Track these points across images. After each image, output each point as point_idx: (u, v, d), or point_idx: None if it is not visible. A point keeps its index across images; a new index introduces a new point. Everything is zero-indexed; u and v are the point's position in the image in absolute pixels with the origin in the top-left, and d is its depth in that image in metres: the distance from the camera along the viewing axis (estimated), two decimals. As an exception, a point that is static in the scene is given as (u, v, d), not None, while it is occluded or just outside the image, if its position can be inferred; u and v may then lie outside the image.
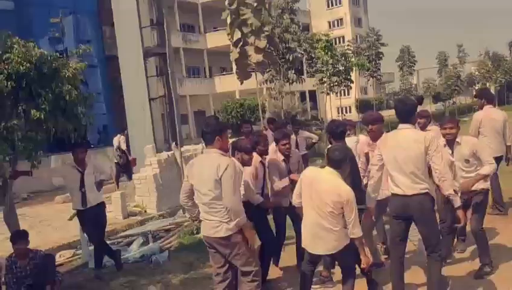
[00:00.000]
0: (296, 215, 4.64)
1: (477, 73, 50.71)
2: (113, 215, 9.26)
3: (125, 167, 13.30)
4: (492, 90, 49.42)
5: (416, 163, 4.03)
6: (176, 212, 9.54)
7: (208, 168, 3.95)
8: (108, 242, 7.10)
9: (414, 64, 48.51)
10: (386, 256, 5.51)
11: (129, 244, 7.69)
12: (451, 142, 5.02)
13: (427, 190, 4.07)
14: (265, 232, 5.01)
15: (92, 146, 18.64)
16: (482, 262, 5.01)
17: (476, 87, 50.56)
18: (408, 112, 4.23)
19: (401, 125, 4.22)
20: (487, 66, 48.94)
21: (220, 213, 3.95)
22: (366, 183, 4.77)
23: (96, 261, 6.41)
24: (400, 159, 4.10)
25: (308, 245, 4.19)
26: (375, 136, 4.95)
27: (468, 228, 5.49)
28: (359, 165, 5.18)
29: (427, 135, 4.12)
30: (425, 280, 4.50)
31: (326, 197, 3.95)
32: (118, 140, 15.59)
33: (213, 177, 3.88)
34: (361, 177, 5.10)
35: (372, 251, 5.35)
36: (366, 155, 5.19)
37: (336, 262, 4.75)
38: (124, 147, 15.41)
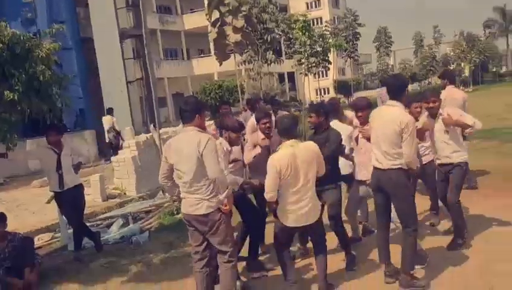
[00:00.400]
0: None
1: (452, 53, 51.44)
2: (92, 198, 9.21)
3: (118, 149, 13.07)
4: (467, 71, 50.36)
5: (391, 142, 4.17)
6: (155, 194, 9.54)
7: (188, 146, 3.93)
8: (87, 224, 7.08)
9: (391, 45, 49.03)
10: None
11: (109, 226, 7.69)
12: (434, 116, 5.18)
13: (400, 166, 4.19)
14: (247, 214, 5.06)
15: (69, 130, 18.35)
16: (455, 234, 5.19)
17: (451, 68, 51.32)
18: (399, 87, 4.31)
19: (389, 102, 4.32)
20: (462, 47, 49.66)
21: (202, 191, 3.95)
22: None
23: (76, 244, 6.39)
24: (379, 135, 4.28)
25: (299, 220, 4.18)
26: (363, 123, 5.06)
27: (440, 203, 5.68)
28: (351, 146, 5.30)
29: (404, 119, 4.13)
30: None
31: (308, 166, 4.08)
32: (111, 121, 15.43)
33: (194, 154, 3.87)
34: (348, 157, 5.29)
35: (353, 228, 5.51)
36: (356, 139, 5.24)
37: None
38: (118, 127, 15.27)
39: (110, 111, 15.69)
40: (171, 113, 35.67)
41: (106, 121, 15.48)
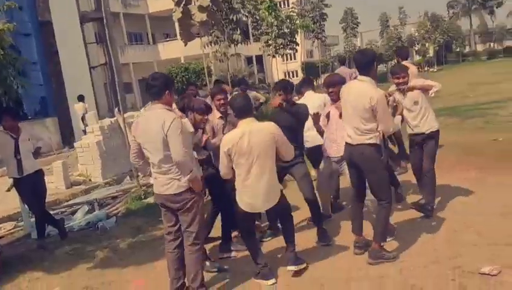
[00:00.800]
0: None
1: (417, 34, 52.24)
2: (56, 186, 8.93)
3: None
4: (431, 51, 51.31)
5: (362, 117, 4.16)
6: (122, 179, 9.34)
7: (154, 125, 3.78)
8: (51, 213, 6.86)
9: (357, 26, 49.36)
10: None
11: (74, 213, 7.47)
12: (403, 90, 5.25)
13: (371, 141, 4.20)
14: (217, 195, 4.96)
15: (30, 118, 17.72)
16: (426, 201, 5.29)
17: (416, 48, 52.19)
18: (367, 63, 4.27)
19: (359, 77, 4.30)
20: (426, 27, 50.47)
21: (171, 170, 3.83)
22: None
23: (39, 231, 6.18)
24: (349, 111, 4.27)
25: (254, 205, 4.08)
26: (335, 99, 5.04)
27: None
28: (320, 122, 5.24)
29: (374, 94, 4.09)
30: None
31: (262, 149, 3.91)
32: (84, 107, 15.17)
33: (160, 135, 3.73)
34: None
35: (324, 204, 5.51)
36: (327, 115, 5.20)
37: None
38: (88, 114, 14.98)
39: (81, 98, 15.70)
40: (138, 99, 35.00)
41: (79, 108, 15.39)
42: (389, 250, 4.38)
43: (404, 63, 7.37)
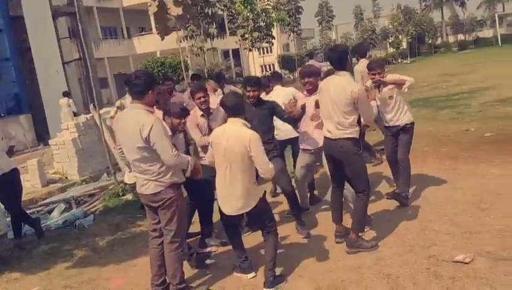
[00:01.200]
0: None
1: (390, 26, 52.84)
2: (31, 184, 8.78)
3: None
4: (404, 43, 52.02)
5: (344, 112, 4.22)
6: (99, 176, 9.24)
7: (132, 126, 3.68)
8: (28, 212, 6.75)
9: (332, 19, 49.67)
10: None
11: (50, 212, 7.37)
12: (378, 86, 5.37)
13: (349, 135, 4.27)
14: (193, 192, 4.92)
15: (3, 115, 17.32)
16: (401, 190, 5.43)
17: (390, 40, 52.84)
18: (340, 58, 4.32)
19: (337, 72, 4.35)
20: (399, 20, 51.10)
21: (148, 171, 3.77)
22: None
23: (15, 231, 6.08)
24: (329, 106, 4.31)
25: (229, 208, 3.98)
26: (310, 89, 5.10)
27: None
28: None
29: (355, 88, 4.17)
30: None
31: (233, 156, 3.80)
32: (68, 103, 15.05)
33: (137, 137, 3.64)
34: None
35: (301, 197, 5.58)
36: (303, 107, 5.24)
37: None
38: (75, 109, 14.95)
39: (66, 94, 15.68)
40: (114, 94, 34.49)
41: (63, 103, 15.11)
42: (367, 239, 4.48)
43: (363, 61, 7.63)
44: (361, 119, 4.50)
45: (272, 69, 44.84)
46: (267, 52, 42.06)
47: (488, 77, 17.78)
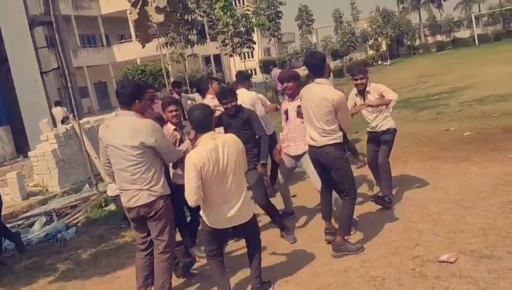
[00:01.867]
0: None
1: (369, 29, 53.40)
2: (11, 198, 8.60)
3: None
4: (384, 45, 52.63)
5: (326, 120, 4.25)
6: (81, 187, 9.10)
7: (127, 131, 3.67)
8: (8, 226, 6.61)
9: (312, 22, 49.96)
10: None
11: (31, 225, 7.22)
12: (362, 92, 5.44)
13: (334, 141, 4.31)
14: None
15: (-20, 128, 16.93)
16: (384, 193, 5.49)
17: (370, 43, 53.37)
18: (317, 65, 4.35)
19: (316, 80, 4.37)
20: (378, 22, 51.67)
21: (141, 180, 3.71)
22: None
23: (-5, 247, 5.95)
24: (312, 114, 4.33)
25: (225, 222, 3.73)
26: (291, 94, 5.07)
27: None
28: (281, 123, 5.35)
29: (335, 96, 4.20)
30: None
31: (236, 160, 3.65)
32: (62, 112, 14.92)
33: (134, 143, 3.63)
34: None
35: (285, 201, 5.57)
36: (286, 112, 5.23)
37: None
38: (70, 116, 14.74)
39: (58, 103, 15.48)
40: (94, 103, 34.16)
41: (57, 112, 15.23)
42: (352, 242, 4.49)
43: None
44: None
45: (254, 74, 44.99)
46: (249, 57, 42.12)
47: (466, 77, 18.09)
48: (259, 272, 3.95)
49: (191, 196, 3.53)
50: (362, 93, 5.44)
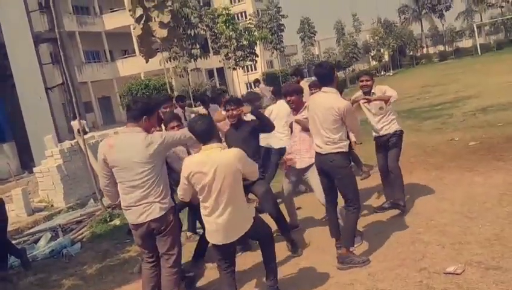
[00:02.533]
0: None
1: (371, 40, 53.65)
2: (16, 214, 8.62)
3: None
4: (386, 55, 52.80)
5: (332, 129, 4.29)
6: (86, 202, 9.11)
7: (137, 148, 3.69)
8: (13, 242, 6.62)
9: (314, 34, 50.27)
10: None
11: (37, 241, 7.22)
12: (367, 94, 5.52)
13: (339, 149, 4.33)
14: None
15: (-15, 144, 17.04)
16: (397, 197, 5.52)
17: (372, 54, 53.59)
18: (326, 75, 4.41)
19: (323, 89, 4.43)
20: (380, 33, 51.95)
21: (153, 192, 3.73)
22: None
23: (1, 263, 5.93)
24: (318, 122, 4.38)
25: (217, 238, 3.68)
26: (295, 108, 5.14)
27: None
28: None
29: (341, 105, 4.25)
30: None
31: (225, 178, 3.53)
32: (80, 124, 15.10)
33: (143, 155, 3.68)
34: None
35: (290, 214, 5.55)
36: (290, 126, 5.27)
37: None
38: (88, 129, 14.93)
39: (75, 117, 15.54)
40: (99, 118, 34.33)
41: (75, 125, 15.54)
42: (357, 254, 4.46)
43: (304, 82, 7.80)
44: (349, 135, 4.57)
45: (256, 87, 45.07)
46: (252, 70, 42.34)
47: (469, 87, 18.08)
48: (275, 275, 3.96)
49: (179, 190, 3.75)
50: (367, 95, 5.52)
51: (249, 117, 5.11)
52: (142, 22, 13.12)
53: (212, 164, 3.51)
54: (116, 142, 3.87)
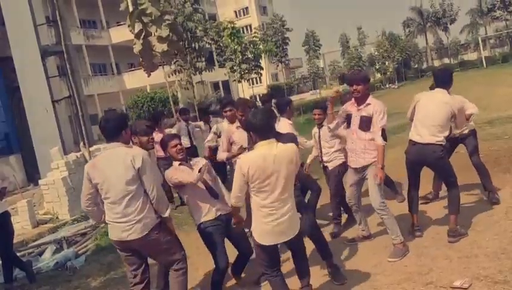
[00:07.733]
0: None
1: (376, 53, 53.79)
2: (21, 226, 8.64)
3: None
4: (391, 68, 52.88)
5: (441, 122, 4.88)
6: (91, 214, 9.10)
7: (121, 163, 3.65)
8: (18, 254, 6.62)
9: (319, 47, 50.51)
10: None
11: (41, 253, 7.22)
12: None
13: (442, 142, 4.87)
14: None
15: (-7, 156, 17.14)
16: (489, 189, 5.95)
17: (377, 66, 53.70)
18: (445, 77, 5.17)
19: (436, 89, 5.09)
20: (385, 46, 52.10)
21: (136, 211, 3.68)
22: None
23: (6, 275, 5.96)
24: (431, 113, 4.91)
25: (276, 236, 3.57)
26: (359, 98, 4.81)
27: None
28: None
29: (455, 104, 4.94)
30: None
31: (287, 171, 3.49)
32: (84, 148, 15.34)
33: (129, 172, 3.63)
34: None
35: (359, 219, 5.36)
36: (348, 117, 4.99)
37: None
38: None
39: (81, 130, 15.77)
40: (105, 130, 34.37)
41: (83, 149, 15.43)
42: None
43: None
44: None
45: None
46: (257, 83, 42.55)
47: (475, 99, 17.83)
48: (308, 278, 3.93)
49: (233, 193, 3.58)
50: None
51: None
52: (142, 37, 13.20)
53: (273, 156, 3.45)
54: (98, 162, 3.83)
